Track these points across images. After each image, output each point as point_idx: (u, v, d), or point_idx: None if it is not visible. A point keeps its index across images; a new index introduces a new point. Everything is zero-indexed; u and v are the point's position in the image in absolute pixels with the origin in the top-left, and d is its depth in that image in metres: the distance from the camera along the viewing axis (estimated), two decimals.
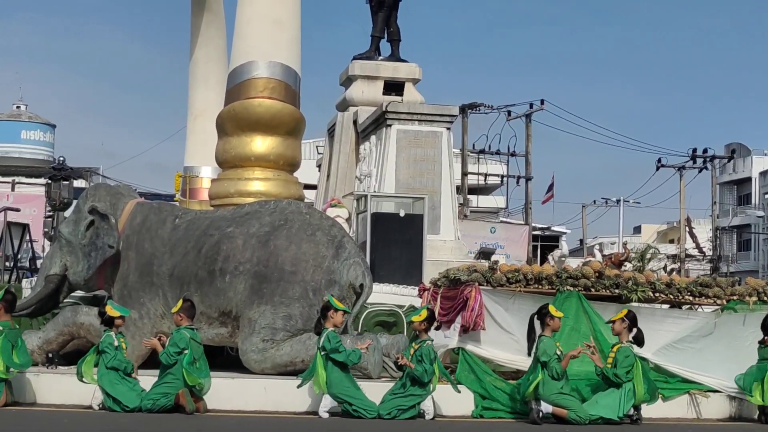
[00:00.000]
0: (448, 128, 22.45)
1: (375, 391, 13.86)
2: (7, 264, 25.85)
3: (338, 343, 13.53)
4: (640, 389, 13.79)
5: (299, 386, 13.71)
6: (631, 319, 14.11)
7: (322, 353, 13.53)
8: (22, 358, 13.92)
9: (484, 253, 28.25)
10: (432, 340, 13.89)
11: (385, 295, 16.91)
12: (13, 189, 41.71)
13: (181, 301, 14.12)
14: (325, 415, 13.44)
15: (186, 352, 13.50)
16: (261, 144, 18.96)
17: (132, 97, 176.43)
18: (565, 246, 48.79)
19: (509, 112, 47.99)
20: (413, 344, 13.93)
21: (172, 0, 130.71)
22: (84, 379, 13.66)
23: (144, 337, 14.76)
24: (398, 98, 23.52)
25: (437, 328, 14.73)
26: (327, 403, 13.51)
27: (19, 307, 16.06)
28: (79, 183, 35.59)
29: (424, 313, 14.04)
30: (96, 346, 13.90)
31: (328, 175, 24.87)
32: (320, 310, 14.15)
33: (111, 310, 14.06)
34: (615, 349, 13.93)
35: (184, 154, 28.23)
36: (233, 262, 15.24)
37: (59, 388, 14.36)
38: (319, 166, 28.19)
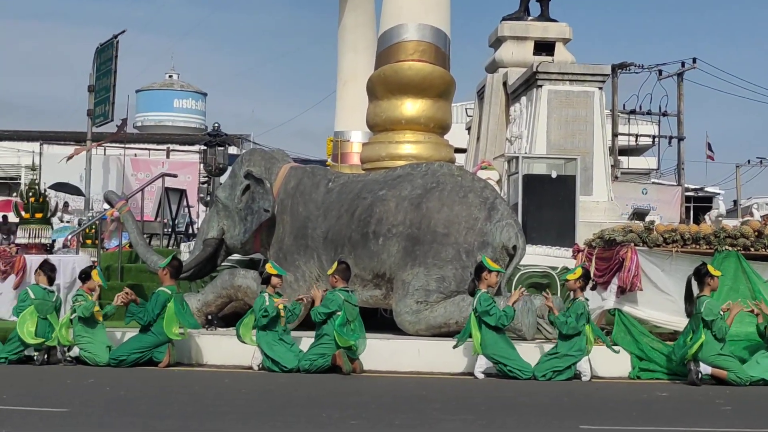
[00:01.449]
0: (600, 88, 22.11)
1: (530, 352, 13.84)
2: (166, 230, 26.45)
3: (489, 306, 13.51)
4: None
5: (455, 347, 13.75)
6: None
7: (476, 315, 13.55)
8: (190, 320, 14.37)
9: (638, 214, 27.78)
10: (587, 299, 13.79)
11: (537, 256, 16.80)
12: (167, 156, 42.55)
13: (336, 264, 14.28)
14: (481, 376, 13.46)
15: (339, 314, 13.65)
16: (411, 107, 18.98)
17: (280, 66, 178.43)
18: (722, 205, 47.62)
19: (660, 72, 46.96)
20: (567, 303, 13.86)
21: None
22: (244, 341, 13.95)
23: None
24: (549, 58, 23.27)
25: (593, 288, 14.61)
26: (482, 363, 13.53)
27: None
28: (231, 150, 36.06)
29: (578, 272, 13.94)
30: (252, 308, 14.18)
31: (478, 138, 24.77)
32: (474, 271, 14.15)
33: (270, 268, 14.36)
34: None
35: (333, 119, 28.46)
36: (386, 225, 15.34)
37: (219, 349, 14.71)
38: (468, 128, 28.09)
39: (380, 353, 14.13)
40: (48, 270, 14.89)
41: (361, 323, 13.89)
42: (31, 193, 19.50)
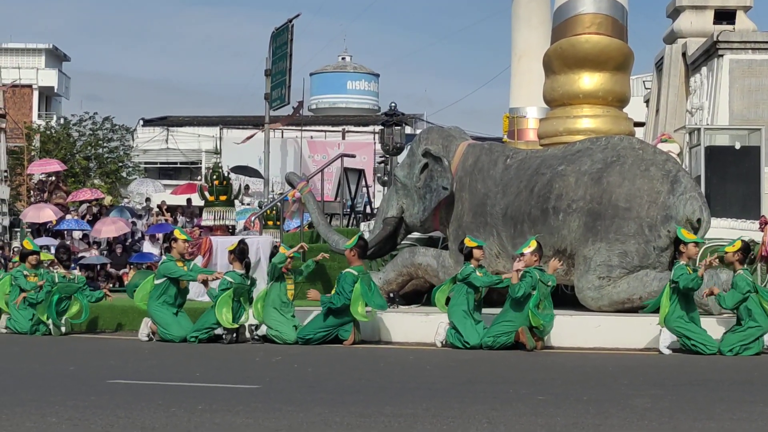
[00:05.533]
0: None
1: (716, 328, 13.59)
2: (345, 209, 26.76)
3: (681, 274, 13.23)
4: None
5: (644, 310, 13.66)
6: None
7: (672, 285, 13.31)
8: (378, 300, 14.48)
9: None
10: (746, 270, 13.46)
11: (722, 230, 16.40)
12: (343, 138, 43.09)
13: (534, 241, 14.17)
14: (666, 351, 13.26)
15: (534, 293, 13.59)
16: (589, 81, 18.72)
17: (452, 43, 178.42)
18: None
19: None
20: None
21: None
22: (435, 304, 14.06)
23: None
24: (729, 27, 22.68)
25: (751, 262, 14.30)
26: (666, 338, 13.33)
27: None
28: (406, 130, 36.28)
29: (737, 244, 13.64)
30: (454, 276, 14.27)
31: (657, 110, 24.33)
32: (673, 244, 14.02)
33: (469, 242, 14.43)
34: None
35: (506, 96, 28.32)
36: (566, 200, 15.20)
37: (402, 326, 14.86)
38: (646, 102, 27.62)
39: (563, 329, 14.05)
40: (240, 255, 15.14)
41: (551, 303, 13.82)
42: (215, 176, 20.00)
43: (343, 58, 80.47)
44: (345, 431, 7.56)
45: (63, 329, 16.19)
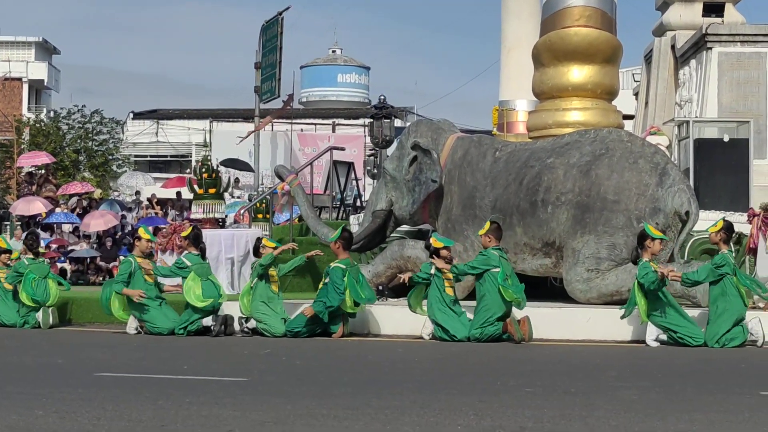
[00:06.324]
0: None
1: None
2: (335, 202, 26.80)
3: (646, 273, 13.20)
4: None
5: (622, 317, 13.60)
6: None
7: (638, 283, 13.32)
8: (367, 293, 14.48)
9: None
10: (731, 251, 13.49)
11: (711, 222, 16.40)
12: (333, 131, 43.05)
13: (488, 223, 14.22)
14: (654, 344, 13.28)
15: (497, 270, 13.61)
16: (578, 73, 18.72)
17: (442, 37, 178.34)
18: None
19: None
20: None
21: None
22: (414, 311, 14.05)
23: None
24: (718, 20, 22.70)
25: (738, 241, 14.36)
26: (653, 331, 13.34)
27: None
28: (396, 123, 36.30)
29: (719, 224, 13.69)
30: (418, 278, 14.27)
31: (646, 103, 24.36)
32: (637, 239, 13.95)
33: (435, 242, 14.38)
34: None
35: (496, 89, 28.31)
36: (555, 193, 15.22)
37: (391, 319, 14.86)
38: (635, 94, 27.64)
39: (551, 322, 14.07)
40: (195, 240, 15.21)
41: (516, 279, 13.83)
42: (204, 169, 19.99)
43: (333, 51, 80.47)
44: (332, 423, 7.57)
45: (51, 320, 16.15)
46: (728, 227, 13.71)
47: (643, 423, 7.60)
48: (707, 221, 16.20)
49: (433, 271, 13.99)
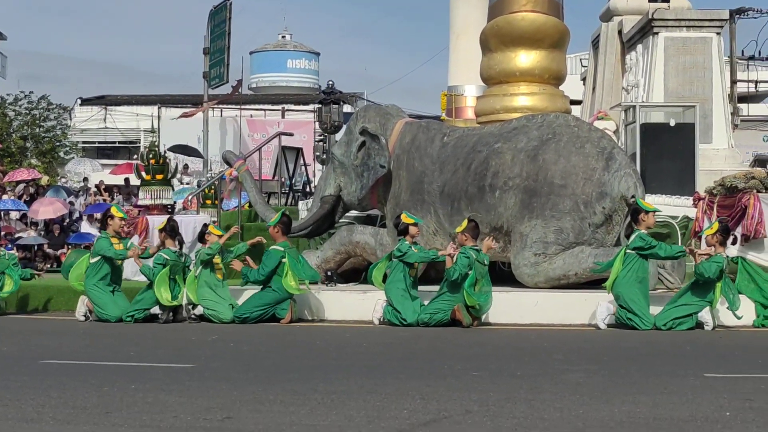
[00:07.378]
0: (718, 33, 21.64)
1: (651, 302, 13.72)
2: (283, 188, 26.72)
3: (650, 241, 13.32)
4: None
5: (595, 271, 13.84)
6: None
7: (629, 250, 13.39)
8: (309, 271, 14.55)
9: (760, 161, 27.19)
10: (727, 256, 13.56)
11: (657, 206, 16.53)
12: (283, 116, 42.93)
13: (466, 221, 14.22)
14: (603, 326, 13.37)
15: (469, 273, 13.62)
16: (525, 58, 18.76)
17: (392, 22, 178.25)
18: None
19: None
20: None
21: None
22: (372, 282, 14.07)
23: None
24: (664, 5, 22.80)
25: (734, 243, 14.41)
26: (603, 311, 13.42)
27: (296, 228, 16.67)
28: (345, 108, 36.25)
29: (715, 226, 13.72)
30: (390, 253, 14.26)
31: (594, 88, 24.47)
32: (630, 213, 14.04)
33: (406, 218, 14.42)
34: None
35: (446, 74, 28.33)
36: (502, 178, 15.26)
37: (340, 304, 14.87)
38: (583, 79, 27.77)
39: (499, 306, 14.11)
40: (172, 232, 15.03)
41: (489, 282, 13.85)
42: (151, 155, 19.84)
43: (283, 37, 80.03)
44: (278, 409, 7.56)
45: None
46: (724, 229, 13.77)
47: (588, 405, 7.67)
48: (654, 205, 16.35)
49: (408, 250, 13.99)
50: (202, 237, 15.16)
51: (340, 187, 16.79)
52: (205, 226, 15.51)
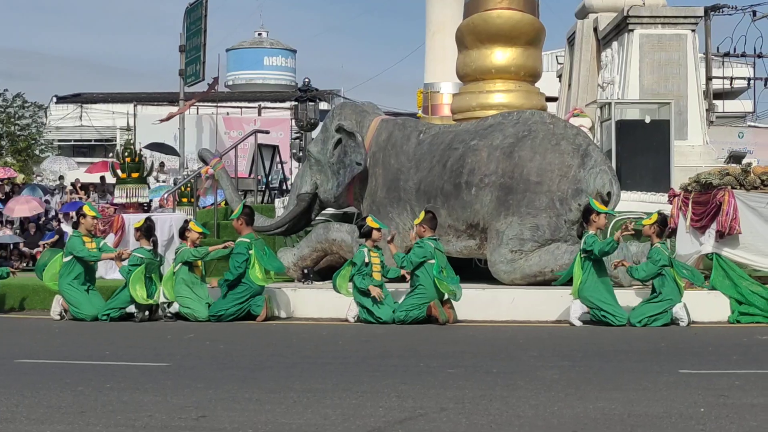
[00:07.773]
0: (693, 30, 21.69)
1: (627, 299, 13.77)
2: (260, 186, 26.67)
3: (593, 242, 13.37)
4: None
5: (556, 282, 13.88)
6: None
7: (583, 255, 13.44)
8: (275, 263, 14.62)
9: (735, 157, 27.34)
10: (663, 243, 13.65)
11: (632, 203, 16.61)
12: (259, 114, 42.89)
13: (423, 213, 14.28)
14: (577, 323, 13.41)
15: (432, 262, 13.66)
16: (501, 56, 18.81)
17: (369, 20, 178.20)
18: None
19: (754, 12, 45.91)
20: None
21: None
22: (340, 292, 14.04)
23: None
24: (639, 2, 22.82)
25: (670, 235, 14.48)
26: (577, 309, 13.47)
27: (273, 225, 16.67)
28: (322, 106, 36.26)
29: (654, 217, 13.83)
30: (350, 260, 14.25)
31: (569, 85, 24.50)
32: (582, 214, 14.07)
33: (371, 222, 14.42)
34: None
35: (422, 72, 28.38)
36: (478, 175, 15.29)
37: (316, 302, 14.86)
38: (559, 76, 27.80)
39: (475, 303, 14.14)
40: (147, 232, 14.97)
41: (451, 270, 13.90)
42: (126, 153, 19.78)
43: (259, 34, 79.87)
44: (254, 407, 7.55)
45: None
46: (662, 221, 13.87)
47: (563, 402, 7.69)
48: (629, 202, 16.42)
49: (367, 260, 13.99)
50: (182, 233, 15.13)
51: (316, 185, 16.79)
52: (186, 222, 15.47)
